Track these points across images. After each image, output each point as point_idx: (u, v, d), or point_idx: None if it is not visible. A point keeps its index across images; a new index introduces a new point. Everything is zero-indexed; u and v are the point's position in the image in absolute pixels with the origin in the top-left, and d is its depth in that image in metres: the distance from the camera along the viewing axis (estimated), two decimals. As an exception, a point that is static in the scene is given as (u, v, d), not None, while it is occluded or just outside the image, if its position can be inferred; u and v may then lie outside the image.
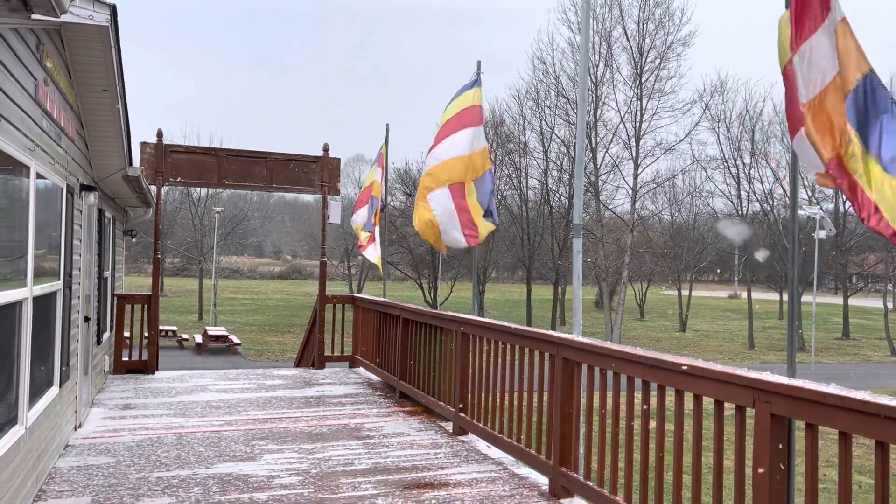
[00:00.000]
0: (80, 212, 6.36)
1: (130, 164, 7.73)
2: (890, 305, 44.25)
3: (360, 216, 10.94)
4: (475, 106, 8.05)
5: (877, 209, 3.90)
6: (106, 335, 9.02)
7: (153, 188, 9.66)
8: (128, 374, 9.42)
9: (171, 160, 9.63)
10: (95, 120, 6.58)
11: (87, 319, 6.85)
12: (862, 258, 49.48)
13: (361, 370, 10.14)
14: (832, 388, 2.83)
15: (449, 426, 6.73)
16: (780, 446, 3.13)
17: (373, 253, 11.24)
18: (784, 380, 3.10)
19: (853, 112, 4.09)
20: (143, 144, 9.54)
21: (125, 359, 9.64)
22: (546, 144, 42.55)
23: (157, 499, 4.62)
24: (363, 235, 10.89)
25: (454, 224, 7.67)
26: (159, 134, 9.65)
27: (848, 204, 42.18)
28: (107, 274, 8.86)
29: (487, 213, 7.82)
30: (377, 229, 10.79)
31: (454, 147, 7.87)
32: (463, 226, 7.67)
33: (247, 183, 10.14)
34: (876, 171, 4.01)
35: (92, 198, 6.55)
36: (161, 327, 33.04)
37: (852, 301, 47.31)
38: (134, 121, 7.27)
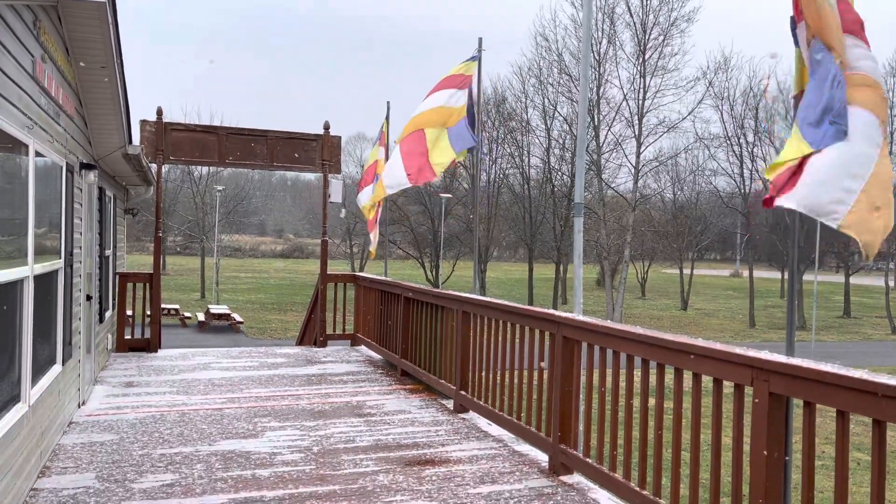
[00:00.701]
0: (80, 190, 6.35)
1: (130, 142, 7.70)
2: (891, 284, 44.23)
3: (366, 195, 10.91)
4: (467, 76, 8.29)
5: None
6: (108, 313, 9.06)
7: (153, 166, 9.64)
8: (130, 353, 9.47)
9: (171, 138, 9.60)
10: (94, 97, 6.55)
11: (88, 298, 6.87)
12: (864, 237, 49.27)
13: (363, 348, 10.19)
14: (830, 367, 2.84)
15: (450, 404, 6.77)
16: (778, 424, 3.15)
17: (373, 235, 11.25)
18: (782, 358, 3.10)
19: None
20: (143, 122, 9.50)
21: (128, 337, 9.69)
22: (548, 122, 42.35)
23: (160, 475, 4.67)
24: (371, 213, 10.89)
25: (394, 172, 8.00)
26: (159, 112, 9.61)
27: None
28: (108, 252, 8.87)
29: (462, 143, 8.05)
30: (379, 209, 10.76)
31: (434, 101, 8.20)
32: (408, 167, 7.94)
33: (247, 161, 10.11)
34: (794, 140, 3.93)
35: (92, 176, 6.54)
36: (163, 306, 33.15)
37: (854, 280, 47.31)
38: (133, 98, 7.23)
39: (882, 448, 2.68)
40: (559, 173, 42.47)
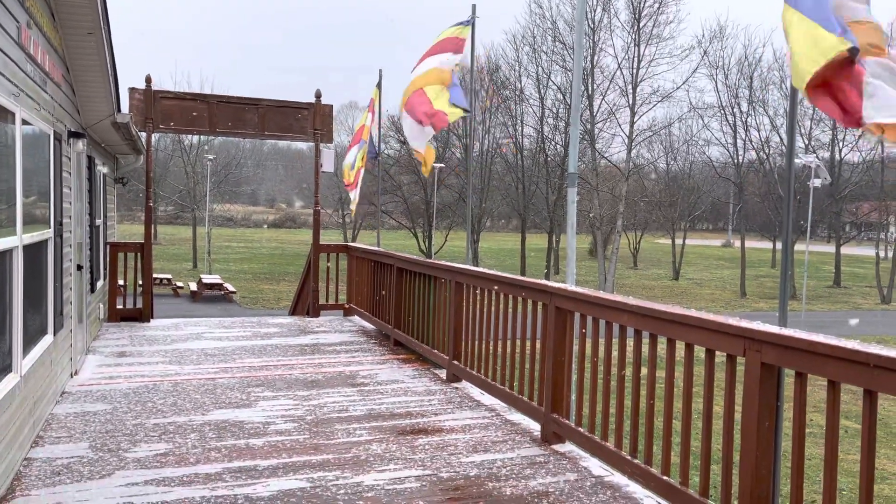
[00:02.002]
0: (69, 159, 6.27)
1: (119, 110, 7.60)
2: (881, 254, 44.51)
3: (351, 156, 10.84)
4: (461, 39, 8.23)
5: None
6: (100, 283, 9.02)
7: (143, 135, 9.53)
8: (123, 322, 9.46)
9: (160, 106, 9.47)
10: (82, 65, 6.44)
11: (79, 268, 6.83)
12: (856, 207, 49.57)
13: (356, 318, 10.20)
14: (822, 338, 2.85)
15: (443, 373, 6.80)
16: (769, 394, 3.17)
17: (353, 195, 11.19)
18: (775, 329, 3.11)
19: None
20: (132, 90, 9.37)
21: (120, 307, 9.68)
22: (542, 91, 42.04)
23: (154, 444, 4.69)
24: (350, 174, 10.81)
25: (416, 131, 7.95)
26: (148, 79, 9.47)
27: (844, 152, 42.07)
28: (98, 222, 8.80)
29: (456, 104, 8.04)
30: (362, 172, 10.68)
31: (428, 64, 8.15)
32: (426, 116, 7.89)
33: (238, 130, 10.01)
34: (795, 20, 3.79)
35: (80, 145, 6.46)
36: (156, 275, 33.07)
37: (845, 249, 47.56)
38: (122, 66, 7.12)
39: (872, 417, 2.70)
40: (552, 143, 42.31)
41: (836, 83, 3.71)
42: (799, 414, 3.02)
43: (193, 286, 32.78)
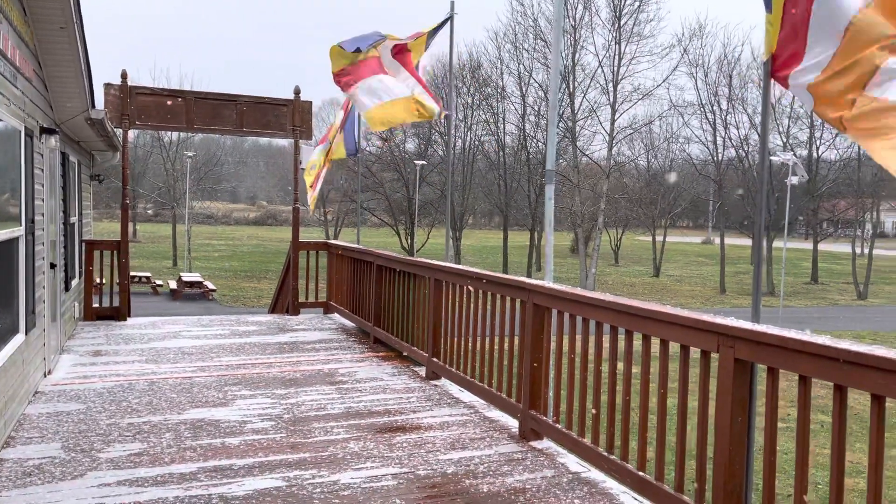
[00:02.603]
0: (41, 155, 6.17)
1: (93, 106, 7.49)
2: (858, 250, 45.11)
3: (316, 152, 10.63)
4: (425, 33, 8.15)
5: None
6: (75, 282, 8.90)
7: (119, 132, 9.41)
8: (99, 321, 9.34)
9: (137, 103, 9.36)
10: (54, 60, 6.33)
11: (53, 266, 6.73)
12: (833, 204, 50.18)
13: (336, 316, 10.16)
14: (794, 333, 2.87)
15: (422, 371, 6.79)
16: (743, 389, 3.19)
17: (311, 196, 10.91)
18: (747, 325, 3.13)
19: None
20: (108, 86, 9.24)
21: (96, 305, 9.55)
22: (524, 89, 42.13)
23: (127, 444, 4.63)
24: (311, 174, 10.49)
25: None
26: (123, 75, 9.35)
27: (822, 149, 42.53)
28: (73, 220, 8.69)
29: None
30: (324, 171, 10.47)
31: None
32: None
33: (216, 127, 9.92)
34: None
35: (53, 141, 6.36)
36: (135, 273, 32.76)
37: (822, 246, 48.16)
38: (98, 60, 7.02)
39: (842, 412, 2.72)
40: (534, 140, 42.42)
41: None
42: (771, 409, 3.04)
43: (173, 284, 32.50)
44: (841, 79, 3.48)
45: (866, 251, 43.33)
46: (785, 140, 42.21)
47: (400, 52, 8.01)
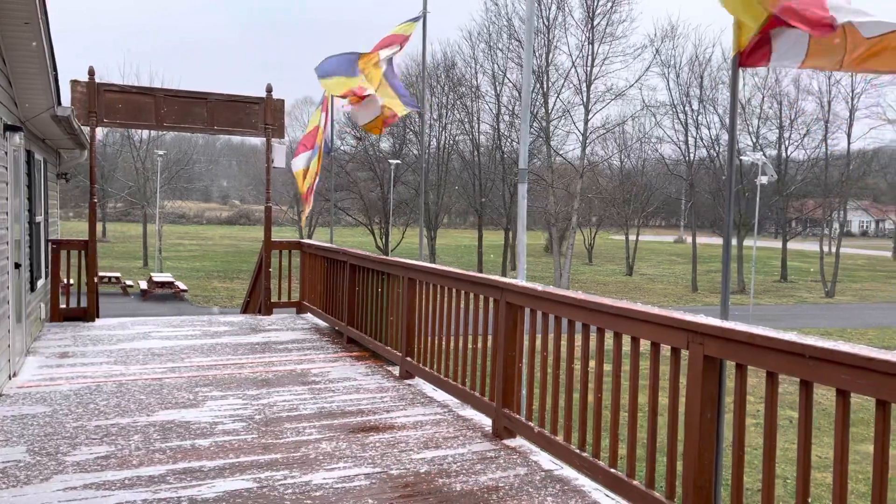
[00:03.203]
0: (6, 153, 6.04)
1: (59, 103, 7.36)
2: (826, 249, 45.94)
3: (302, 160, 10.50)
4: (406, 36, 8.17)
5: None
6: (41, 282, 8.74)
7: (86, 129, 9.25)
8: (66, 322, 9.18)
9: (104, 100, 9.20)
10: (18, 56, 6.20)
11: (17, 266, 6.59)
12: (801, 203, 51.06)
13: (309, 316, 10.09)
14: (760, 330, 2.90)
15: (396, 370, 6.77)
16: (712, 386, 3.22)
17: (305, 209, 10.86)
18: (716, 322, 3.16)
19: None
20: (74, 83, 9.08)
21: (63, 306, 9.37)
22: (498, 88, 42.25)
23: (95, 447, 4.55)
24: (305, 184, 10.42)
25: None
26: (91, 72, 9.19)
27: (791, 149, 43.20)
28: (39, 219, 8.52)
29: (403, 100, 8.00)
30: (317, 181, 10.38)
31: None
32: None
33: (186, 125, 9.79)
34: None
35: (17, 138, 6.23)
36: (104, 274, 32.20)
37: (791, 245, 48.98)
38: (64, 57, 6.89)
39: (808, 407, 2.76)
40: (508, 140, 42.56)
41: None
42: (739, 405, 3.08)
43: (143, 284, 32.04)
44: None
45: (833, 250, 44.15)
46: (754, 140, 42.85)
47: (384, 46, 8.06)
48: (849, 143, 42.54)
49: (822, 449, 12.83)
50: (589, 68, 37.98)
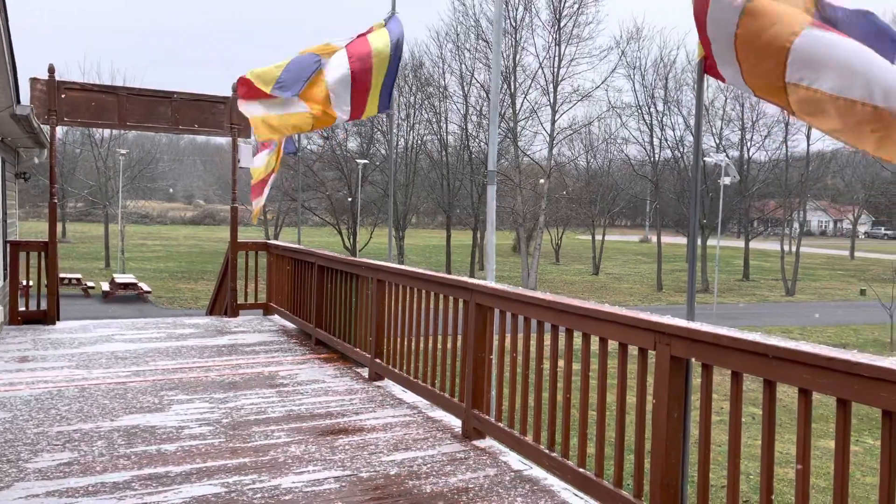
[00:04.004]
0: (-38, 153, 5.88)
1: (18, 101, 7.19)
2: (786, 248, 46.94)
3: (260, 160, 10.36)
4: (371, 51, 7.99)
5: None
6: (-1, 285, 8.52)
7: (46, 128, 9.04)
8: (25, 325, 8.96)
9: (65, 98, 9.00)
10: (-25, 52, 6.04)
11: (-25, 268, 6.42)
12: (763, 204, 52.12)
13: (276, 318, 10.00)
14: (725, 331, 2.95)
15: (365, 372, 6.74)
16: (679, 385, 3.27)
17: (260, 200, 10.61)
18: (683, 323, 3.21)
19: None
20: (34, 81, 8.86)
21: (22, 309, 9.15)
22: (466, 89, 42.34)
23: (57, 454, 4.45)
24: (257, 177, 10.15)
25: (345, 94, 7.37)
26: (51, 69, 8.99)
27: (753, 150, 44.08)
28: (-3, 220, 8.31)
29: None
30: (273, 175, 10.20)
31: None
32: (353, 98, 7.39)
33: (150, 124, 9.63)
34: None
35: (-25, 138, 6.06)
36: (64, 275, 31.53)
37: (753, 244, 49.94)
38: (27, 53, 6.72)
39: (772, 405, 2.82)
40: (476, 140, 42.67)
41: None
42: (705, 404, 3.13)
43: (106, 286, 31.45)
44: (760, 68, 3.57)
45: (794, 249, 45.14)
46: (718, 142, 43.60)
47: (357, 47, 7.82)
48: (808, 145, 43.54)
49: (783, 445, 13.11)
50: (556, 69, 38.30)
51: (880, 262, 57.31)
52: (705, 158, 37.64)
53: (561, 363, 4.12)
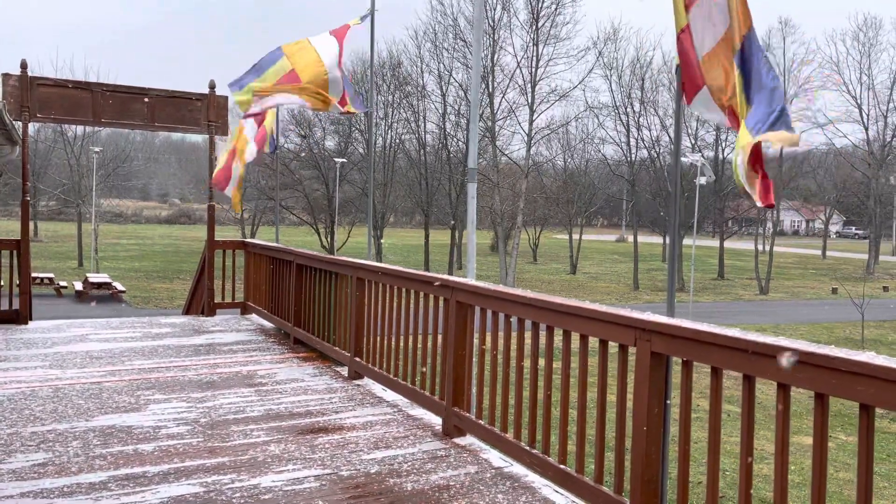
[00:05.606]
0: (-69, 149, 5.76)
1: (-10, 96, 7.04)
2: (760, 248, 47.58)
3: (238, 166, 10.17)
4: (347, 26, 8.05)
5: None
6: (-30, 284, 8.35)
7: (19, 125, 8.88)
8: (-3, 325, 8.79)
9: (38, 94, 8.85)
10: (-55, 46, 5.92)
11: (-55, 267, 6.29)
12: (737, 203, 52.75)
13: (254, 317, 9.92)
14: (706, 327, 2.98)
15: (344, 371, 6.71)
16: (659, 382, 3.29)
17: (230, 189, 10.27)
18: (663, 319, 3.24)
19: (739, 69, 4.11)
20: (6, 76, 8.70)
21: (-7, 309, 8.99)
22: (444, 88, 42.34)
23: (31, 455, 4.37)
24: (218, 167, 9.89)
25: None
26: (23, 65, 8.83)
27: (727, 151, 44.61)
28: (-32, 217, 8.14)
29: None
30: (237, 165, 9.92)
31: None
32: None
33: (125, 121, 9.49)
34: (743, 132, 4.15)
35: (-55, 133, 5.94)
36: (36, 274, 30.98)
37: (727, 244, 50.55)
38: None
39: (751, 401, 2.85)
40: (454, 139, 42.73)
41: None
42: (685, 400, 3.16)
43: (79, 286, 31.00)
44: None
45: (768, 248, 45.75)
46: (693, 142, 44.04)
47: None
48: (781, 147, 44.05)
49: (759, 441, 13.29)
50: (534, 69, 38.44)
51: (851, 262, 58.36)
52: (681, 158, 38.06)
53: (541, 360, 4.14)
